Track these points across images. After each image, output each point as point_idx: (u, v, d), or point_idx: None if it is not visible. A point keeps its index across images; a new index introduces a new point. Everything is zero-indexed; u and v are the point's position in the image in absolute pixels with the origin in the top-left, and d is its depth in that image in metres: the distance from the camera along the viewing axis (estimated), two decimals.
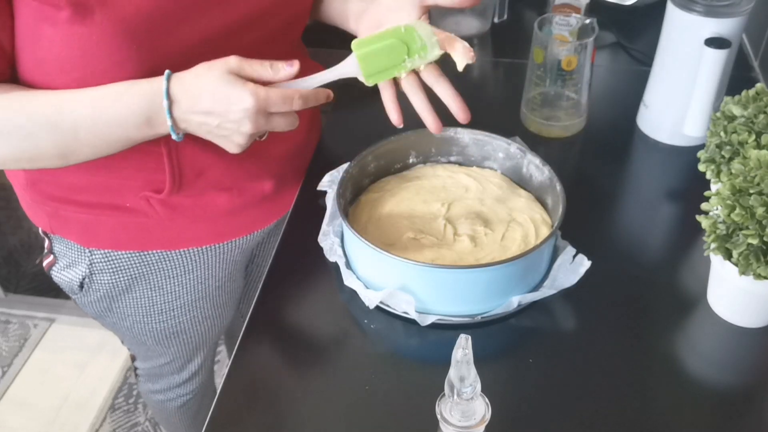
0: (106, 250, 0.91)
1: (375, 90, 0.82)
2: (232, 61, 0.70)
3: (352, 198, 0.91)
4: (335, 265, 0.86)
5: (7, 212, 2.06)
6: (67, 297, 2.10)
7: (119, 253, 0.91)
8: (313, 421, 0.72)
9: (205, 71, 0.69)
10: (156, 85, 0.70)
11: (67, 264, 0.94)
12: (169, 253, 0.93)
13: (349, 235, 0.82)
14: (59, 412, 1.79)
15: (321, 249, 0.88)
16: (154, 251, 0.92)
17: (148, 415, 1.77)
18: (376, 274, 0.81)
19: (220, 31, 0.76)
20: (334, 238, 0.87)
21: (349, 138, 1.10)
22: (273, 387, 0.75)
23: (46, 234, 0.94)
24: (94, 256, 0.92)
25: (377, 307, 0.81)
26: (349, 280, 0.83)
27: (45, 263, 0.97)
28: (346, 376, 0.76)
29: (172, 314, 1.01)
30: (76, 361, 1.91)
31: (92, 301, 0.98)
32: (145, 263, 0.93)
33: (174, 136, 0.72)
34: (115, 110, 0.70)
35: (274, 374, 0.77)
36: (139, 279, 0.95)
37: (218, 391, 0.75)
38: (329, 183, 0.94)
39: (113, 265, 0.92)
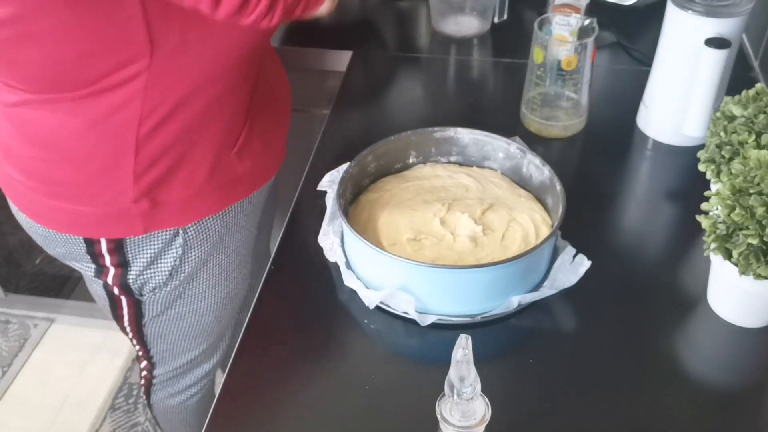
0: (200, 222, 0.93)
1: (375, 90, 0.82)
2: None
3: (352, 198, 0.91)
4: (335, 265, 0.86)
5: (7, 212, 2.06)
6: (67, 297, 2.10)
7: (208, 219, 0.94)
8: (313, 421, 0.72)
9: None
10: None
11: (149, 262, 0.94)
12: (242, 203, 0.97)
13: (349, 235, 0.82)
14: (59, 412, 1.79)
15: (321, 249, 0.88)
16: (232, 206, 0.96)
17: (148, 415, 1.77)
18: (376, 274, 0.81)
19: None
20: (334, 238, 0.87)
21: (349, 138, 1.10)
22: (273, 387, 0.75)
23: (117, 248, 0.92)
24: (188, 234, 0.93)
25: (377, 307, 0.81)
26: (349, 280, 0.83)
27: (109, 280, 0.96)
28: (346, 376, 0.76)
29: (233, 276, 1.05)
30: (76, 361, 1.91)
31: (168, 291, 0.99)
32: (224, 224, 0.96)
33: None
34: None
35: (274, 374, 0.77)
36: (217, 246, 0.98)
37: (218, 391, 0.75)
38: (329, 183, 0.94)
39: (202, 237, 0.95)
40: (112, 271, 0.95)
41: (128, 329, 1.08)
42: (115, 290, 0.99)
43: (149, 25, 0.72)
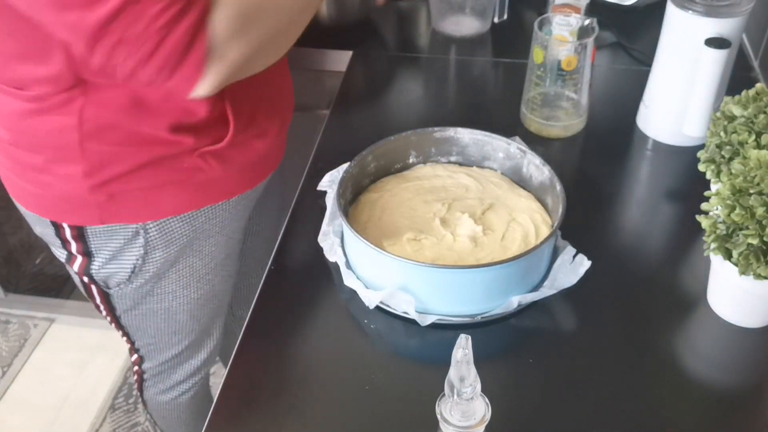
0: (162, 221, 0.92)
1: (375, 90, 0.82)
2: None
3: (352, 198, 0.91)
4: (335, 265, 0.86)
5: (7, 212, 2.06)
6: (66, 297, 2.10)
7: (172, 221, 0.92)
8: (312, 421, 0.72)
9: None
10: None
11: (111, 256, 0.94)
12: (213, 209, 0.95)
13: (349, 235, 0.82)
14: (59, 412, 1.79)
15: (321, 249, 0.88)
16: (203, 209, 0.94)
17: (147, 414, 1.77)
18: (376, 274, 0.81)
19: None
20: (334, 238, 0.87)
21: (349, 138, 1.10)
22: (273, 387, 0.75)
23: (80, 235, 0.93)
24: (149, 234, 0.92)
25: (377, 307, 0.81)
26: (349, 280, 0.83)
27: (75, 267, 0.96)
28: (346, 376, 0.76)
29: (208, 279, 1.03)
30: (76, 361, 1.91)
31: (135, 288, 0.99)
32: (193, 228, 0.95)
33: None
34: None
35: (274, 374, 0.77)
36: (186, 248, 0.96)
37: (218, 391, 0.75)
38: (329, 183, 0.94)
39: (166, 238, 0.94)
40: (78, 259, 0.95)
41: (108, 319, 1.08)
42: (85, 279, 0.99)
43: (68, 51, 0.72)
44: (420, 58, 1.31)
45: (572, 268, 0.82)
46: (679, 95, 1.00)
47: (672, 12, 0.98)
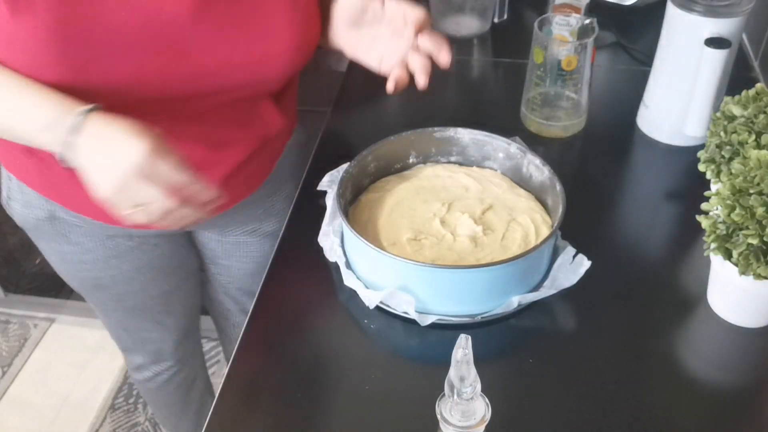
0: (19, 181, 0.91)
1: (375, 90, 0.82)
2: (159, 135, 0.66)
3: (352, 198, 0.91)
4: (335, 265, 0.86)
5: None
6: (67, 297, 2.10)
7: (29, 190, 0.91)
8: (313, 421, 0.72)
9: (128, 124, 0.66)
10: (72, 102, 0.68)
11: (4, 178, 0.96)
12: (70, 212, 0.92)
13: (349, 235, 0.82)
14: (59, 412, 1.79)
15: (321, 249, 0.88)
16: (59, 204, 0.91)
17: (148, 414, 1.78)
18: (376, 274, 0.81)
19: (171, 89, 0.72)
20: (334, 238, 0.87)
21: (349, 138, 1.10)
22: (273, 387, 0.75)
23: None
24: (11, 182, 0.93)
25: (377, 307, 0.81)
26: (349, 280, 0.83)
27: None
28: (346, 376, 0.76)
29: (85, 267, 0.99)
30: (76, 361, 1.91)
31: (26, 227, 0.99)
32: (51, 210, 0.92)
33: (60, 146, 0.67)
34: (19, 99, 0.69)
35: (274, 374, 0.77)
36: (48, 226, 0.94)
37: (218, 391, 0.75)
38: (329, 183, 0.94)
39: (24, 199, 0.93)
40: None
41: None
42: None
43: None
44: None
45: (572, 268, 0.82)
46: (679, 95, 1.00)
47: (672, 12, 0.98)
